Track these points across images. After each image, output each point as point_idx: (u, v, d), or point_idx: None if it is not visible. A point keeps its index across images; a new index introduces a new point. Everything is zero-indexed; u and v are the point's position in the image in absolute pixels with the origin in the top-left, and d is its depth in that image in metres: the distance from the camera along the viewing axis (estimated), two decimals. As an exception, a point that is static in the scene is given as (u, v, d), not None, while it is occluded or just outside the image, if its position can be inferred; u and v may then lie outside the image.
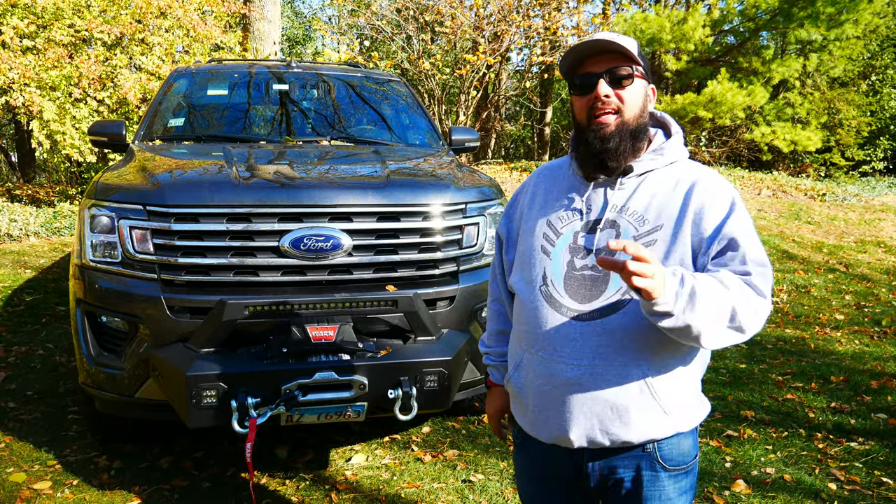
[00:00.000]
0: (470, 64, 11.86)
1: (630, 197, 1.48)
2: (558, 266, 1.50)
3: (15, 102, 8.24)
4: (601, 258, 1.23)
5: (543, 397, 1.50)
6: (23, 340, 4.79)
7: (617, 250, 1.26)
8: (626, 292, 1.42)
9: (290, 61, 4.70)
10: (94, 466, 3.13)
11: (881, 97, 17.49)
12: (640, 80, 1.48)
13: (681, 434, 1.49)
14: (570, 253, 1.49)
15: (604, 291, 1.44)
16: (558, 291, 1.48)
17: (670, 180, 1.48)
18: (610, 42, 1.44)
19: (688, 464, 1.52)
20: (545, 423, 1.51)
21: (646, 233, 1.44)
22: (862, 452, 3.32)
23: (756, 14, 13.03)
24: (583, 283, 1.46)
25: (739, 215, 1.44)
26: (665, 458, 1.49)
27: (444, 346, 2.81)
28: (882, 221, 10.37)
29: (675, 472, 1.50)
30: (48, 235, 7.75)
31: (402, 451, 3.33)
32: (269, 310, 2.66)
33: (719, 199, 1.45)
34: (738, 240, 1.40)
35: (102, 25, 8.66)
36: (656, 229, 1.44)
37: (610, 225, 1.47)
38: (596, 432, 1.46)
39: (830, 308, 6.25)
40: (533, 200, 1.62)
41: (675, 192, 1.46)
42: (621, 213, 1.47)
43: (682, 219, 1.43)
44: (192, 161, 3.31)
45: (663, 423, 1.46)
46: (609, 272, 1.44)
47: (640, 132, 1.49)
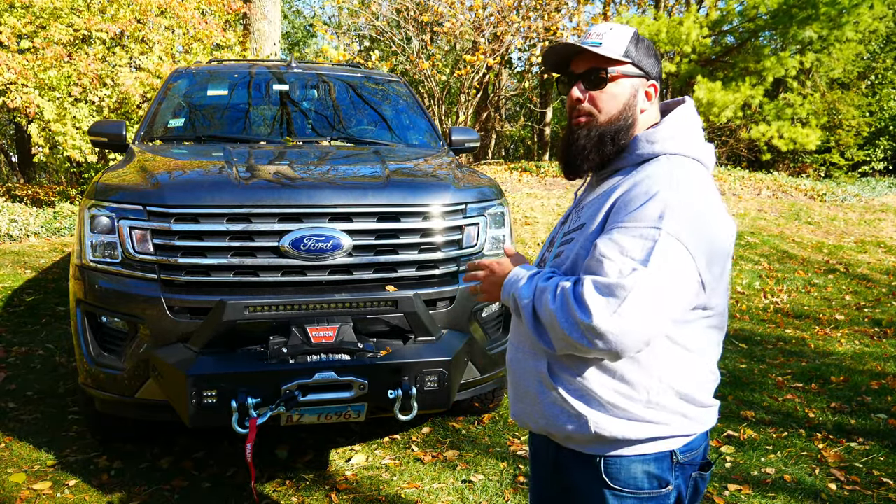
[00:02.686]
0: (470, 65, 11.86)
1: (589, 193, 1.48)
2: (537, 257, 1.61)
3: (13, 104, 8.23)
4: (465, 276, 1.42)
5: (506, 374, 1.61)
6: (23, 340, 4.79)
7: (473, 272, 1.52)
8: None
9: (290, 61, 4.70)
10: (94, 466, 3.13)
11: (881, 98, 17.49)
12: (626, 79, 1.41)
13: (632, 457, 1.39)
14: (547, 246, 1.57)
15: None
16: None
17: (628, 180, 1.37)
18: (582, 47, 1.40)
19: (642, 490, 1.39)
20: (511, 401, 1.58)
21: (570, 230, 1.45)
22: (862, 452, 3.32)
23: (756, 15, 13.04)
24: None
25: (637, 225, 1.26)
26: (610, 475, 1.40)
27: (444, 346, 2.81)
28: (882, 221, 10.37)
29: (623, 494, 1.40)
30: (48, 236, 7.75)
31: (402, 452, 3.33)
32: (269, 310, 2.66)
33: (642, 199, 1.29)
34: (601, 247, 1.28)
35: (101, 24, 8.65)
36: (578, 228, 1.41)
37: (564, 220, 1.55)
38: (524, 414, 1.49)
39: (830, 308, 6.25)
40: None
41: (616, 191, 1.37)
42: (576, 210, 1.49)
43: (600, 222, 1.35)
44: (192, 161, 3.31)
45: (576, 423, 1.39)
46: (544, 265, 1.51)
47: (612, 134, 1.41)
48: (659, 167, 1.35)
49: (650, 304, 1.23)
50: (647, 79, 1.44)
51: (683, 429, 1.40)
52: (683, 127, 1.42)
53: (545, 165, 12.91)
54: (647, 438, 1.38)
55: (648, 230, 1.25)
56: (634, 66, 1.42)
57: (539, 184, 11.09)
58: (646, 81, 1.44)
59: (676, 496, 1.44)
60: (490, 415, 3.74)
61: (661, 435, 1.38)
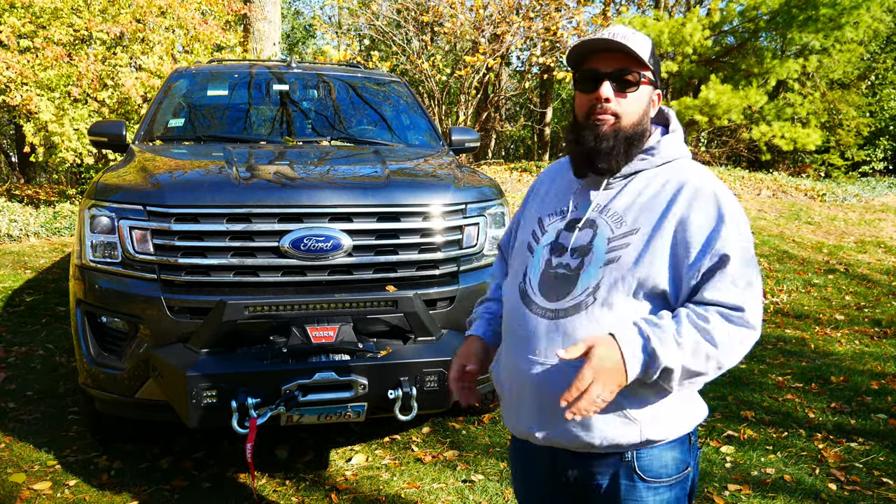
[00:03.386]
0: (470, 65, 11.86)
1: (614, 197, 1.45)
2: (538, 264, 1.49)
3: (12, 102, 8.23)
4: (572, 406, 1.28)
5: (513, 392, 1.51)
6: (23, 340, 4.79)
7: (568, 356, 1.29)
8: (590, 294, 1.40)
9: (290, 61, 4.70)
10: (94, 466, 3.13)
11: (881, 98, 17.49)
12: (646, 86, 1.44)
13: (662, 445, 1.44)
14: (550, 252, 1.48)
15: (570, 292, 1.42)
16: (532, 289, 1.48)
17: (659, 182, 1.44)
18: (621, 44, 1.39)
19: (672, 476, 1.45)
20: (517, 417, 1.51)
21: (620, 235, 1.41)
22: (862, 452, 3.32)
23: (756, 15, 13.04)
24: (554, 282, 1.45)
25: (732, 225, 1.37)
26: (643, 468, 1.43)
27: (444, 346, 2.81)
28: (882, 222, 10.37)
29: (656, 484, 1.44)
30: (48, 236, 7.75)
31: (402, 452, 3.33)
32: (269, 310, 2.66)
33: (708, 206, 1.39)
34: (731, 257, 1.35)
35: (102, 24, 8.65)
36: (632, 233, 1.40)
37: (589, 224, 1.45)
38: (557, 432, 1.43)
39: (830, 308, 6.25)
40: (535, 197, 1.64)
41: (661, 195, 1.41)
42: (602, 213, 1.45)
43: (661, 224, 1.39)
44: (192, 161, 3.31)
45: (628, 430, 1.40)
46: (578, 272, 1.42)
47: (637, 138, 1.45)
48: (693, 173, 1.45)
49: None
50: (655, 87, 1.49)
51: (701, 414, 1.51)
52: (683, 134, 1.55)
53: (545, 165, 12.91)
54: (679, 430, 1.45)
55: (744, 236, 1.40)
56: (653, 73, 1.45)
57: (539, 184, 11.05)
58: (654, 90, 1.48)
59: (693, 475, 1.52)
60: (490, 415, 3.74)
61: (691, 424, 1.47)
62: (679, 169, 1.46)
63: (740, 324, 1.34)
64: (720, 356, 1.33)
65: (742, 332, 1.34)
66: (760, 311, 1.37)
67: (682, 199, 1.39)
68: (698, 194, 1.39)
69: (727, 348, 1.33)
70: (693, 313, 1.34)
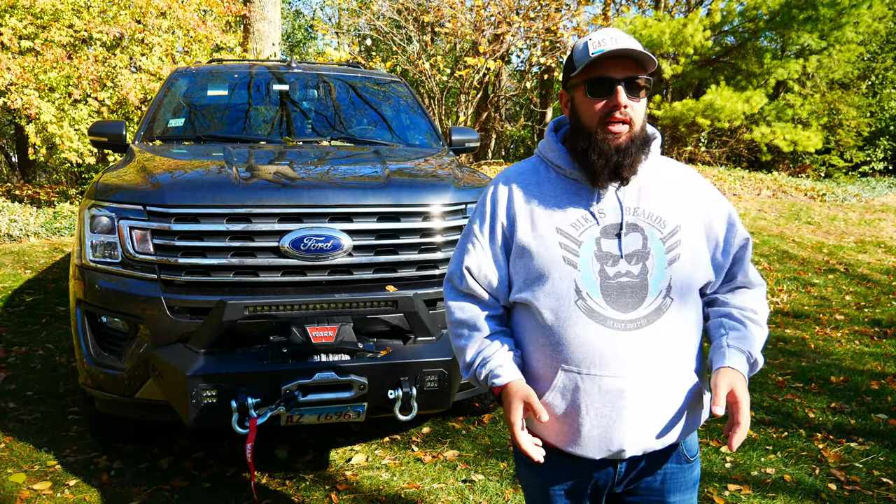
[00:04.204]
0: (470, 66, 11.86)
1: (638, 197, 1.49)
2: (589, 276, 1.42)
3: (13, 104, 8.23)
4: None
5: (595, 414, 1.42)
6: (23, 340, 4.79)
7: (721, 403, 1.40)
8: (666, 295, 1.43)
9: (290, 61, 4.70)
10: (94, 466, 3.13)
11: (881, 98, 17.49)
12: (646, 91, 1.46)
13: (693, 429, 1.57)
14: (599, 261, 1.43)
15: (645, 297, 1.42)
16: (598, 303, 1.41)
17: (666, 178, 1.55)
18: (641, 53, 1.40)
19: (697, 454, 1.62)
20: (592, 438, 1.44)
21: (669, 234, 1.47)
22: (862, 452, 3.32)
23: (756, 15, 13.04)
24: (622, 292, 1.42)
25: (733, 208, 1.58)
26: (688, 449, 1.58)
27: (444, 346, 2.81)
28: (882, 222, 10.37)
29: (692, 461, 1.59)
30: (48, 236, 7.75)
31: (402, 452, 3.33)
32: (269, 310, 2.66)
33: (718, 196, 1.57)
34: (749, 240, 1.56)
35: (102, 26, 8.65)
36: (676, 230, 1.48)
37: (633, 229, 1.45)
38: (650, 440, 1.45)
39: (830, 308, 6.25)
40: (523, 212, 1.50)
41: (681, 191, 1.53)
42: (637, 216, 1.47)
43: (695, 217, 1.51)
44: (192, 161, 3.31)
45: (700, 418, 1.54)
46: (647, 278, 1.43)
47: (647, 141, 1.49)
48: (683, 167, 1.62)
49: None
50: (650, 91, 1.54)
51: None
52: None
53: (545, 165, 12.87)
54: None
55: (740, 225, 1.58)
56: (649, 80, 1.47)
57: (539, 184, 11.05)
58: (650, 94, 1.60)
59: None
60: (490, 415, 3.74)
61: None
62: (669, 165, 1.59)
63: (763, 296, 1.57)
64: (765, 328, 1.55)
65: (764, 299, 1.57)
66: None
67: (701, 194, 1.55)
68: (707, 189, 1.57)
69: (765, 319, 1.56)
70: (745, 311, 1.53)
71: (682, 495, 1.57)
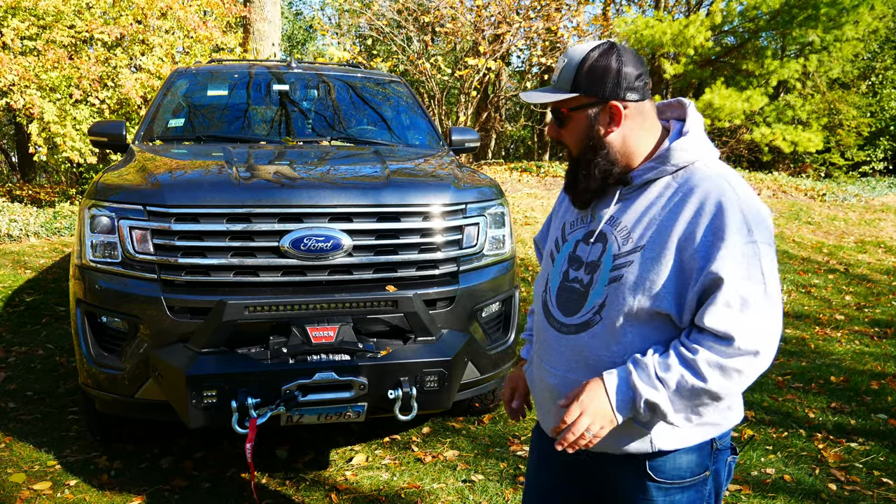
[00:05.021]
0: (471, 66, 11.86)
1: (626, 210, 1.41)
2: (556, 275, 1.51)
3: (15, 104, 8.24)
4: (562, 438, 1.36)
5: (538, 396, 1.58)
6: (23, 340, 4.79)
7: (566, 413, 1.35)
8: (597, 312, 1.40)
9: (290, 61, 4.70)
10: (94, 466, 3.13)
11: (881, 98, 17.49)
12: (580, 111, 1.40)
13: (680, 451, 1.43)
14: (568, 263, 1.49)
15: (582, 307, 1.43)
16: (552, 302, 1.51)
17: (669, 192, 1.37)
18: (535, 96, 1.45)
19: (685, 479, 1.44)
20: (543, 418, 1.59)
21: (626, 252, 1.38)
22: (862, 452, 3.32)
23: (756, 15, 13.04)
24: (570, 296, 1.46)
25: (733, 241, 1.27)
26: (655, 469, 1.44)
27: (444, 346, 2.81)
28: (882, 221, 10.37)
29: (668, 485, 1.44)
30: (48, 236, 7.75)
31: (402, 452, 3.33)
32: (269, 310, 2.66)
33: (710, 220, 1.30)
34: (725, 279, 1.26)
35: (103, 27, 8.66)
36: (636, 250, 1.36)
37: (600, 238, 1.43)
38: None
39: (830, 308, 6.25)
40: (564, 199, 1.62)
41: (667, 208, 1.36)
42: (612, 226, 1.42)
43: (665, 242, 1.33)
44: (192, 161, 3.31)
45: (640, 443, 1.41)
46: (588, 289, 1.43)
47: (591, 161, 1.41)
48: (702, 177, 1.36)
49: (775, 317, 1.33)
50: (603, 101, 1.38)
51: (729, 422, 1.47)
52: (703, 130, 1.44)
53: (545, 165, 12.91)
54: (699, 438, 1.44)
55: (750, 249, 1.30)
56: (584, 95, 1.39)
57: (539, 184, 11.08)
58: (602, 105, 1.39)
59: (713, 479, 1.49)
60: (490, 415, 3.74)
61: (716, 433, 1.45)
62: (691, 177, 1.37)
63: (733, 353, 1.28)
64: (713, 388, 1.30)
65: (736, 361, 1.28)
66: (762, 333, 1.29)
67: (687, 212, 1.33)
68: (703, 206, 1.32)
69: (720, 381, 1.29)
70: (682, 345, 1.32)
71: None
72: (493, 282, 3.07)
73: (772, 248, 1.32)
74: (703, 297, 1.31)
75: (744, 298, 1.27)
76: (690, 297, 1.32)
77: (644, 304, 1.35)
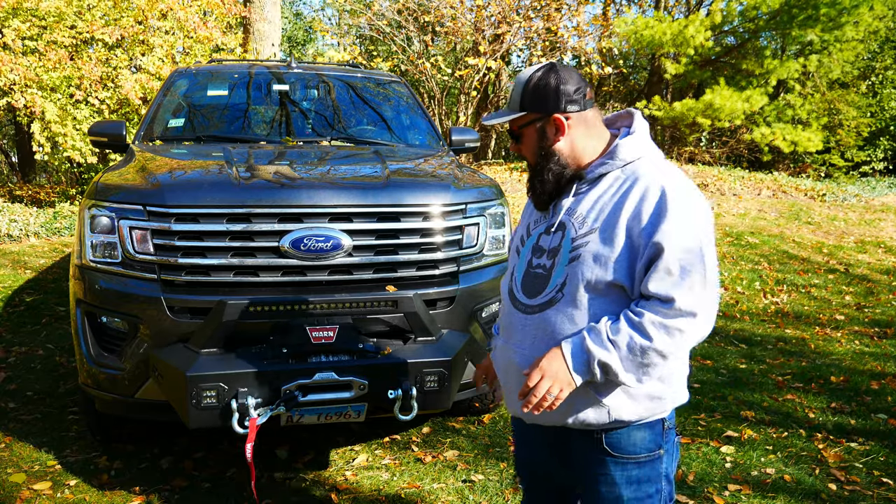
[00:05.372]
0: (471, 66, 11.86)
1: (581, 200, 1.59)
2: (522, 264, 1.68)
3: (17, 104, 8.25)
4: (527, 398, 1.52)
5: (504, 375, 1.71)
6: (23, 340, 4.79)
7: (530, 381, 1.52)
8: (559, 290, 1.56)
9: (290, 62, 4.70)
10: (94, 466, 3.13)
11: (881, 98, 17.48)
12: (530, 127, 1.60)
13: (631, 426, 1.58)
14: (531, 253, 1.66)
15: (545, 288, 1.59)
16: (517, 287, 1.67)
17: (619, 182, 1.56)
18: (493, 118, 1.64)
19: (640, 455, 1.59)
20: (508, 397, 1.71)
21: (581, 235, 1.55)
22: (862, 452, 3.32)
23: (756, 15, 13.04)
24: (533, 281, 1.63)
25: (675, 218, 1.46)
26: (611, 445, 1.59)
27: (444, 346, 2.81)
28: (882, 222, 10.37)
29: (624, 460, 1.58)
30: (48, 236, 7.75)
31: (403, 452, 3.33)
32: (269, 310, 2.66)
33: (655, 201, 1.49)
34: (665, 248, 1.45)
35: (104, 28, 8.66)
36: (591, 232, 1.54)
37: (560, 227, 1.61)
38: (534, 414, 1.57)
39: (830, 308, 6.25)
40: (529, 206, 1.81)
41: (617, 195, 1.54)
42: (570, 216, 1.59)
43: (615, 221, 1.51)
44: (192, 161, 3.31)
45: (598, 413, 1.56)
46: (551, 271, 1.59)
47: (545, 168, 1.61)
48: (646, 169, 1.56)
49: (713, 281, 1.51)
50: (547, 115, 1.58)
51: (676, 400, 1.62)
52: (647, 133, 1.64)
53: (545, 166, 12.86)
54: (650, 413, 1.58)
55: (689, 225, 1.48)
56: (531, 112, 1.60)
57: (539, 184, 11.05)
58: (546, 118, 1.59)
59: (667, 460, 1.64)
60: (490, 415, 3.74)
61: (664, 409, 1.59)
62: (637, 169, 1.56)
63: (674, 314, 1.45)
64: (659, 347, 1.46)
65: (678, 322, 1.45)
66: (700, 297, 1.46)
67: (633, 196, 1.51)
68: (647, 190, 1.50)
69: (664, 339, 1.46)
70: (629, 311, 1.49)
71: (607, 487, 1.60)
72: (493, 282, 3.07)
73: (709, 227, 1.52)
74: (647, 267, 1.48)
75: (682, 267, 1.45)
76: (639, 269, 1.49)
77: (601, 276, 1.51)
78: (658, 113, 13.28)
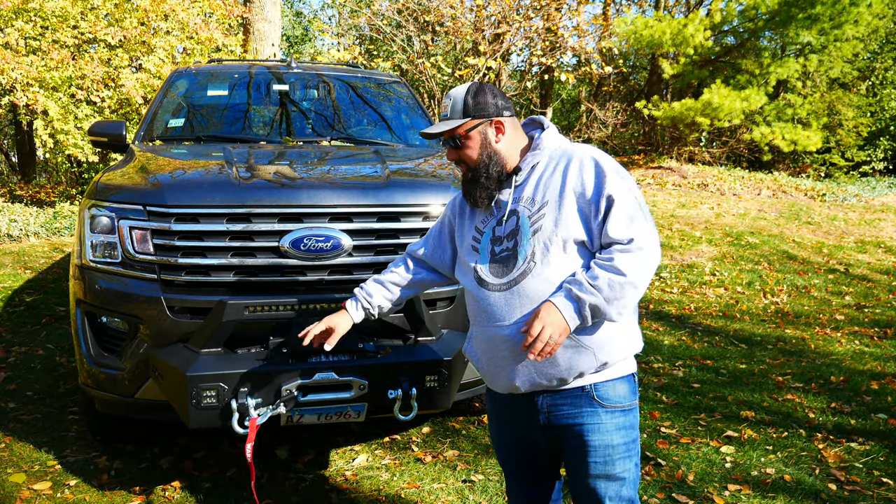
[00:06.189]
0: (471, 66, 11.86)
1: (524, 188, 1.84)
2: (485, 256, 1.86)
3: (19, 102, 8.25)
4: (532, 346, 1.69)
5: (491, 358, 1.86)
6: (23, 340, 4.79)
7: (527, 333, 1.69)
8: (531, 260, 1.77)
9: (289, 61, 4.70)
10: (94, 466, 3.13)
11: (881, 98, 17.49)
12: (474, 131, 1.84)
13: (614, 379, 1.81)
14: (492, 243, 1.85)
15: (517, 263, 1.79)
16: (486, 274, 1.84)
17: (552, 165, 1.83)
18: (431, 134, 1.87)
19: (624, 404, 1.83)
20: (497, 377, 1.87)
21: (536, 211, 1.79)
22: (862, 452, 3.32)
23: (756, 15, 13.04)
24: (503, 262, 1.81)
25: (612, 175, 1.75)
26: (602, 397, 1.80)
27: (444, 346, 2.81)
28: (882, 222, 10.37)
29: (613, 409, 1.81)
30: (48, 236, 7.76)
31: (403, 452, 3.33)
32: (269, 310, 2.66)
33: (592, 167, 1.77)
34: (616, 198, 1.72)
35: (107, 28, 8.67)
36: (543, 205, 1.78)
37: (512, 214, 1.83)
38: (535, 376, 1.79)
39: (830, 308, 6.25)
40: (461, 215, 2.01)
41: (556, 172, 1.80)
42: (517, 203, 1.83)
43: (563, 192, 1.77)
44: (192, 161, 3.31)
45: (585, 357, 1.76)
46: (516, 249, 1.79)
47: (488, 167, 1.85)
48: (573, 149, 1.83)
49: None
50: (489, 119, 1.85)
51: (637, 345, 1.86)
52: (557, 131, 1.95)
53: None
54: (623, 357, 1.81)
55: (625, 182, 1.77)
56: (474, 118, 1.84)
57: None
58: (489, 122, 1.85)
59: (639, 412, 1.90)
60: (490, 415, 3.74)
61: (633, 350, 1.84)
62: (566, 150, 1.84)
63: (635, 250, 1.69)
64: (632, 279, 1.68)
65: (640, 256, 1.69)
66: (649, 235, 1.71)
67: (573, 169, 1.78)
68: (583, 163, 1.78)
69: (634, 272, 1.68)
70: (599, 258, 1.72)
71: (600, 436, 1.80)
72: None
73: (636, 186, 1.80)
74: (605, 218, 1.72)
75: (630, 215, 1.72)
76: (596, 224, 1.74)
77: (565, 235, 1.75)
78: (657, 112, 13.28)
